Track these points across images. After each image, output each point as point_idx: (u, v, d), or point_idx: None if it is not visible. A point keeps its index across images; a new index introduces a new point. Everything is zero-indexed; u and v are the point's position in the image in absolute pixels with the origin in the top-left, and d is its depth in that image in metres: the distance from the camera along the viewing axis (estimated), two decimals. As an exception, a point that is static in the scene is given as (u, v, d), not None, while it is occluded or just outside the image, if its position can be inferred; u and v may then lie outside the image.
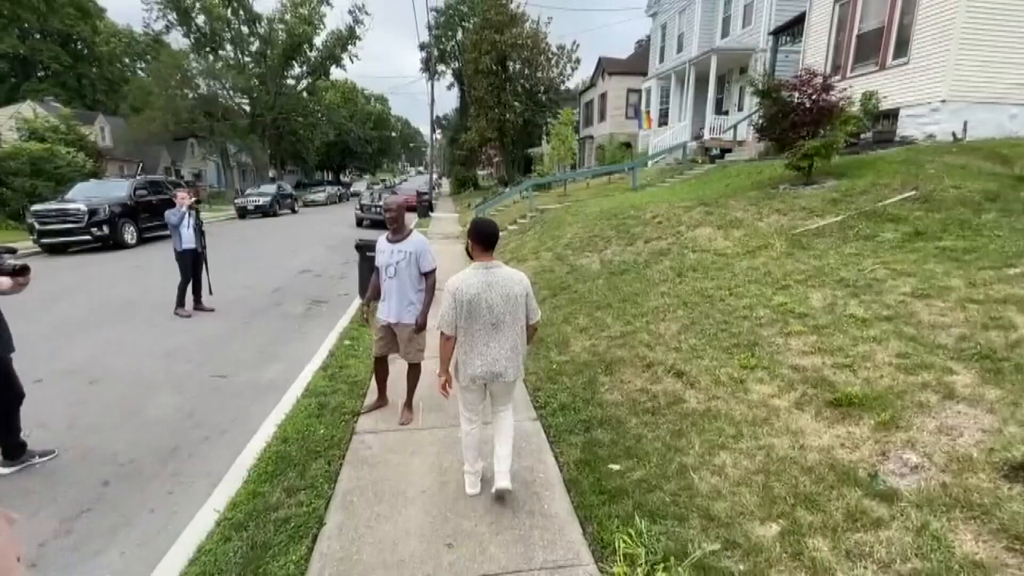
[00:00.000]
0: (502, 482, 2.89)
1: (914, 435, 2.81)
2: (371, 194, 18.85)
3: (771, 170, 10.51)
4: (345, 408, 4.11)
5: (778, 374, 3.66)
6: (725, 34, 18.52)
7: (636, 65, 29.32)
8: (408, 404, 4.06)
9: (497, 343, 2.78)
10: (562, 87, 36.64)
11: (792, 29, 14.24)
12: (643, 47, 37.20)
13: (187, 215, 6.91)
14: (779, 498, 2.62)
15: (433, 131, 32.69)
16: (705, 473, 2.95)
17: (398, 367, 4.16)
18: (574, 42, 35.61)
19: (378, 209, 17.85)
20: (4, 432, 3.27)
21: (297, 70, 37.27)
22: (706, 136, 17.02)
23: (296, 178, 46.77)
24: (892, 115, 10.63)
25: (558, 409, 3.97)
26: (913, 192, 7.08)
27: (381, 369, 4.11)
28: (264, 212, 21.45)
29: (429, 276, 3.83)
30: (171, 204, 14.62)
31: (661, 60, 22.82)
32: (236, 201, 22.38)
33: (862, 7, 11.36)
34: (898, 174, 7.74)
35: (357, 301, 7.66)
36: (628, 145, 25.38)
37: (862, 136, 10.54)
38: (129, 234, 12.80)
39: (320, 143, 42.54)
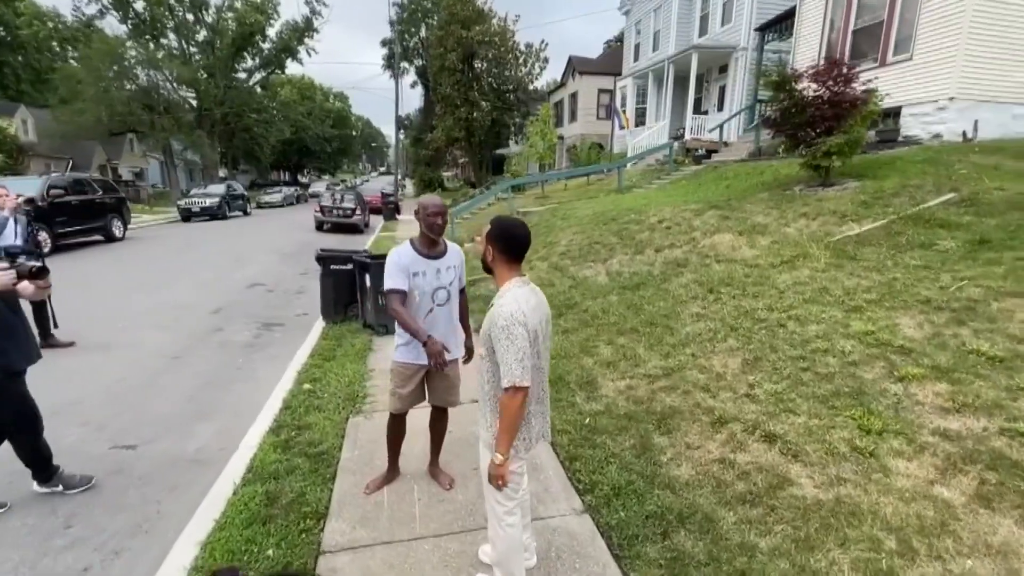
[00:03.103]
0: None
1: None
2: (332, 195, 17.22)
3: (773, 171, 9.79)
4: (306, 502, 2.83)
5: (922, 444, 2.66)
6: (703, 32, 17.98)
7: (607, 65, 28.74)
8: (437, 462, 3.14)
9: (544, 388, 2.06)
10: (530, 87, 35.78)
11: (779, 25, 13.71)
12: (612, 48, 36.83)
13: (10, 221, 5.02)
14: None
15: (398, 129, 31.12)
16: (885, 628, 1.89)
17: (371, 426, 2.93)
18: (542, 41, 34.79)
19: (340, 212, 16.33)
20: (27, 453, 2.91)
21: (249, 63, 34.77)
22: (687, 136, 16.37)
23: (250, 178, 43.97)
24: (894, 114, 10.09)
25: (612, 494, 2.84)
26: (952, 194, 6.37)
27: (399, 429, 3.02)
28: (211, 215, 19.41)
29: (464, 293, 3.01)
30: (99, 206, 12.74)
31: (636, 58, 22.19)
32: (179, 202, 20.19)
33: (858, 1, 10.83)
34: (926, 175, 7.05)
35: (319, 324, 6.31)
36: (600, 146, 24.66)
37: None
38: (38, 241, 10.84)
39: (276, 141, 39.91)
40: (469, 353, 3.00)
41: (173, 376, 4.79)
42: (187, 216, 19.18)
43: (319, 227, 16.70)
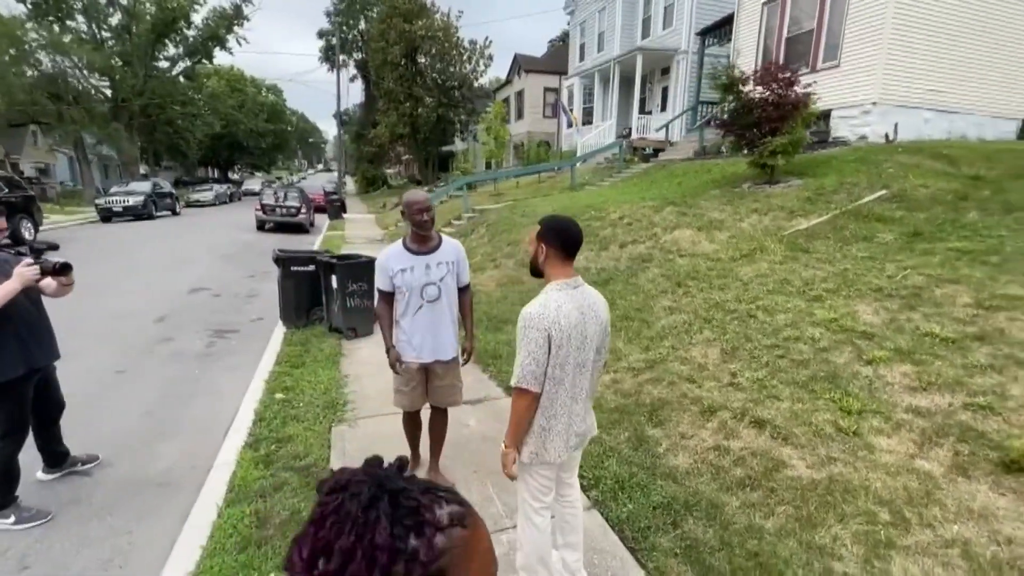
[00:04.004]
0: None
1: None
2: (274, 192, 16.32)
3: (720, 169, 10.28)
4: (303, 520, 2.66)
5: (899, 421, 2.88)
6: (646, 35, 18.58)
7: (552, 64, 29.11)
8: (437, 466, 3.09)
9: (583, 391, 1.97)
10: (476, 84, 35.59)
11: (719, 31, 14.41)
12: (557, 47, 37.32)
13: None
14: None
15: (340, 124, 29.98)
16: (893, 595, 2.03)
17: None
18: (486, 38, 34.57)
19: (284, 210, 15.52)
20: (45, 440, 3.05)
21: (172, 50, 32.20)
22: (634, 135, 16.88)
23: (175, 175, 40.89)
24: (825, 117, 10.88)
25: (616, 487, 2.87)
26: (884, 191, 6.95)
27: (414, 426, 3.04)
28: (136, 214, 17.83)
29: (467, 291, 2.95)
30: (4, 205, 11.39)
31: (582, 58, 22.60)
32: (98, 201, 18.38)
33: (791, 10, 11.58)
34: (859, 173, 7.66)
35: (280, 330, 5.96)
36: (547, 144, 24.95)
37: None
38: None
39: (203, 136, 37.29)
40: (468, 355, 2.95)
41: (123, 392, 4.35)
42: (107, 216, 17.54)
43: (260, 227, 15.79)
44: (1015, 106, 11.24)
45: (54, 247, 2.64)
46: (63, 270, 2.62)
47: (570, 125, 20.85)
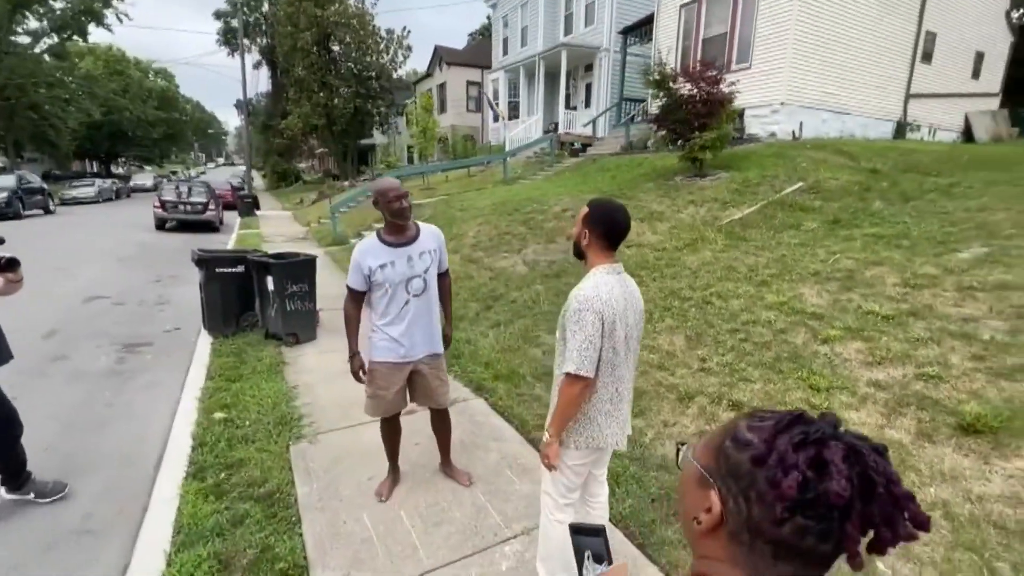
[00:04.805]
0: None
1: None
2: (176, 188, 14.64)
3: (650, 163, 10.68)
4: (277, 557, 2.30)
5: (863, 395, 3.07)
6: (568, 31, 18.91)
7: (475, 57, 28.82)
8: (450, 461, 2.96)
9: (626, 386, 1.89)
10: (394, 75, 34.40)
11: (640, 30, 14.97)
12: (479, 40, 37.00)
13: None
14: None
15: (248, 115, 27.61)
16: (893, 562, 2.13)
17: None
18: (404, 28, 33.39)
19: (189, 207, 14.00)
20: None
21: (34, 24, 27.91)
22: (561, 130, 17.15)
23: (42, 168, 35.50)
24: (739, 115, 11.67)
25: (612, 483, 2.78)
26: (801, 183, 7.56)
27: (394, 432, 2.77)
28: (-1, 213, 15.24)
29: (447, 275, 2.76)
30: None
31: (505, 52, 22.57)
32: (-56, 199, 15.49)
33: (706, 14, 12.28)
34: (778, 167, 8.27)
35: (205, 340, 5.29)
36: (472, 139, 24.72)
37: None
38: None
39: (77, 123, 32.69)
40: (448, 340, 2.80)
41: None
42: (-41, 216, 14.82)
43: (160, 225, 14.11)
44: (891, 109, 12.78)
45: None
46: (9, 266, 2.42)
47: (496, 119, 20.76)
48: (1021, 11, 20.24)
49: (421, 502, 2.73)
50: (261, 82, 50.25)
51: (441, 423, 2.85)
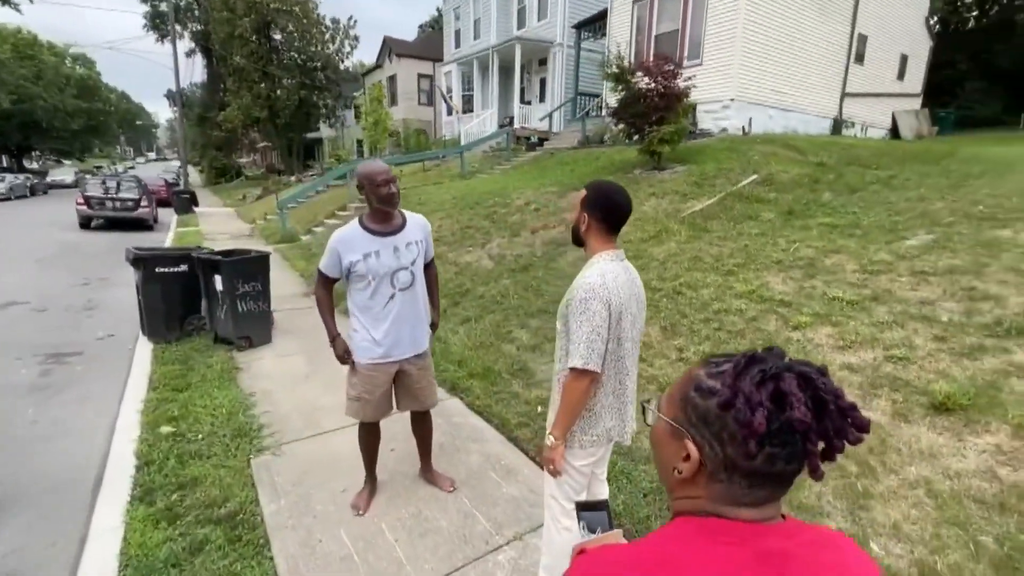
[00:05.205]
0: None
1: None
2: (103, 183, 13.44)
3: (607, 157, 10.75)
4: (246, 586, 2.06)
5: (838, 379, 3.12)
6: (522, 25, 18.81)
7: (425, 49, 28.20)
8: (431, 466, 2.80)
9: (631, 379, 1.80)
10: (341, 66, 33.19)
11: (593, 25, 15.06)
12: (429, 33, 36.28)
13: None
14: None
15: (182, 106, 25.82)
16: (886, 542, 2.15)
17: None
18: (351, 17, 32.23)
19: (119, 203, 12.90)
20: None
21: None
22: (516, 125, 17.05)
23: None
24: (692, 110, 11.97)
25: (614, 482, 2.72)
26: (755, 176, 7.80)
27: (374, 437, 2.56)
28: None
29: (432, 264, 2.60)
30: None
31: (457, 45, 22.21)
32: None
33: (659, 11, 12.49)
34: (732, 160, 8.51)
35: (145, 346, 4.82)
36: (425, 133, 24.20)
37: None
38: None
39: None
40: (435, 327, 2.66)
41: (-88, 452, 3.11)
42: None
43: (85, 224, 12.93)
44: (829, 107, 13.48)
45: None
46: None
47: (451, 112, 20.42)
48: (936, 18, 22.00)
49: (403, 512, 2.55)
50: (195, 71, 47.21)
51: (422, 425, 2.68)
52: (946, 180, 7.05)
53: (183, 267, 4.84)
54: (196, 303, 4.94)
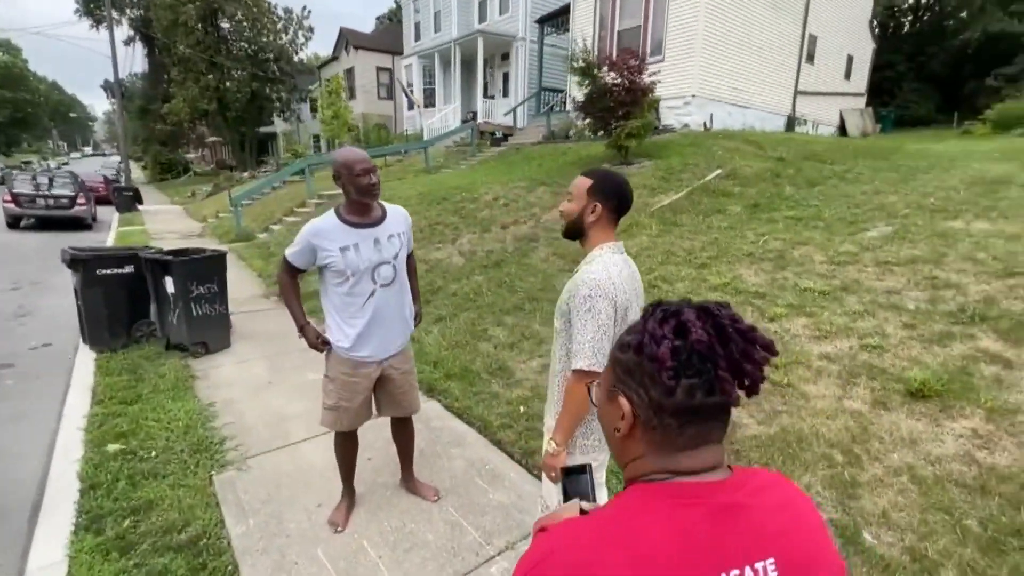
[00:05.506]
0: None
1: None
2: (33, 179, 12.40)
3: (574, 152, 10.74)
4: (213, 620, 1.86)
5: (818, 369, 3.17)
6: (483, 19, 18.58)
7: (384, 42, 27.52)
8: (413, 475, 2.63)
9: None
10: (295, 58, 31.97)
11: (556, 20, 15.02)
12: (387, 25, 35.39)
13: None
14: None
15: (121, 98, 24.22)
16: (877, 530, 2.16)
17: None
18: (304, 7, 31.06)
19: (52, 201, 11.94)
20: None
21: None
22: (480, 119, 16.84)
23: None
24: (656, 105, 12.11)
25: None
26: (720, 170, 7.94)
27: (353, 447, 2.39)
28: None
29: (412, 256, 2.40)
30: None
31: (418, 38, 21.74)
32: None
33: (620, 6, 12.56)
34: (697, 155, 8.64)
35: (87, 356, 4.41)
36: (386, 127, 23.62)
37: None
38: None
39: None
40: (419, 318, 2.51)
41: None
42: None
43: (13, 223, 11.90)
44: (783, 105, 13.95)
45: None
46: None
47: (412, 107, 19.99)
48: (876, 21, 23.17)
49: (385, 526, 2.38)
50: (136, 61, 44.44)
51: (403, 432, 2.52)
52: (896, 174, 7.38)
53: (129, 268, 4.45)
54: (144, 307, 4.56)
